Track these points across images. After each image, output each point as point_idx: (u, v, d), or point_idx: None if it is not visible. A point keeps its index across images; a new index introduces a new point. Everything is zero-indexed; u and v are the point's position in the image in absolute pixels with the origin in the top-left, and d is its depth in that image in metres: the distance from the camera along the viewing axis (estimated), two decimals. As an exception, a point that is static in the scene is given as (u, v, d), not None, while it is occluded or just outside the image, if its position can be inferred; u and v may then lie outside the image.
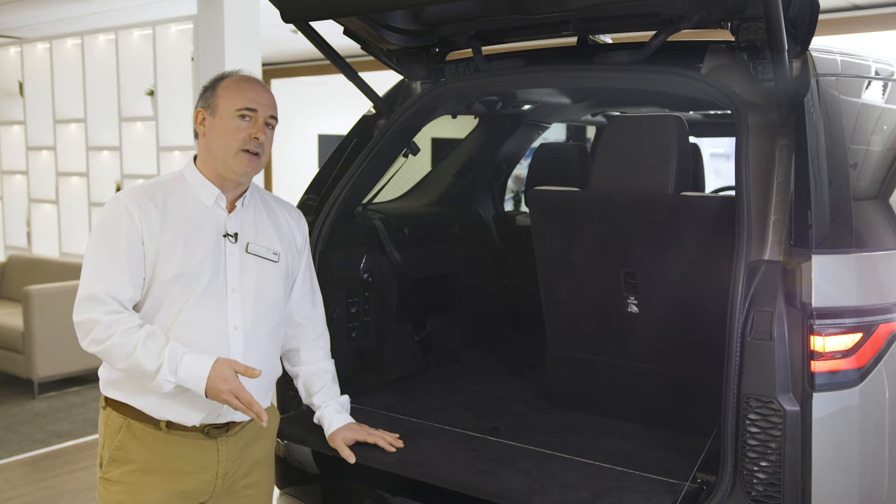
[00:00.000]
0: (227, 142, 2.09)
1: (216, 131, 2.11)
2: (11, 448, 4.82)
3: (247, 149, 2.08)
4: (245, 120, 2.09)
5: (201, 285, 2.05)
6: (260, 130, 2.10)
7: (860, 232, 2.12)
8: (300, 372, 2.39)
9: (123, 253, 2.01)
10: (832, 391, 1.96)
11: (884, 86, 2.55)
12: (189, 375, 1.96)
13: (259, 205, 2.25)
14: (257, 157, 2.11)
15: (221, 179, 2.13)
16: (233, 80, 2.14)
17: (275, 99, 2.18)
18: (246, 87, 2.12)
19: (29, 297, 5.74)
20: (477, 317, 3.79)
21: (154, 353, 1.95)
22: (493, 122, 3.90)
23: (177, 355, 1.96)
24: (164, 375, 1.95)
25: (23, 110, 7.75)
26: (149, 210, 2.05)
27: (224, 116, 2.10)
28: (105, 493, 2.11)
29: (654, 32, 2.54)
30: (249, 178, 2.16)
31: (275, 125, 2.17)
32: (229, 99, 2.10)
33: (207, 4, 5.88)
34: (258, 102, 2.11)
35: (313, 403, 2.39)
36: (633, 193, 2.63)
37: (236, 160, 2.09)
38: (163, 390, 1.97)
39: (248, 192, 2.21)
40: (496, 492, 2.18)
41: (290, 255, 2.27)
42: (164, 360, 1.95)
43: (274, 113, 2.16)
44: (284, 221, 2.30)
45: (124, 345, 1.95)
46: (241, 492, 2.21)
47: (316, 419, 2.41)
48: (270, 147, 2.17)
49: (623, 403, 2.77)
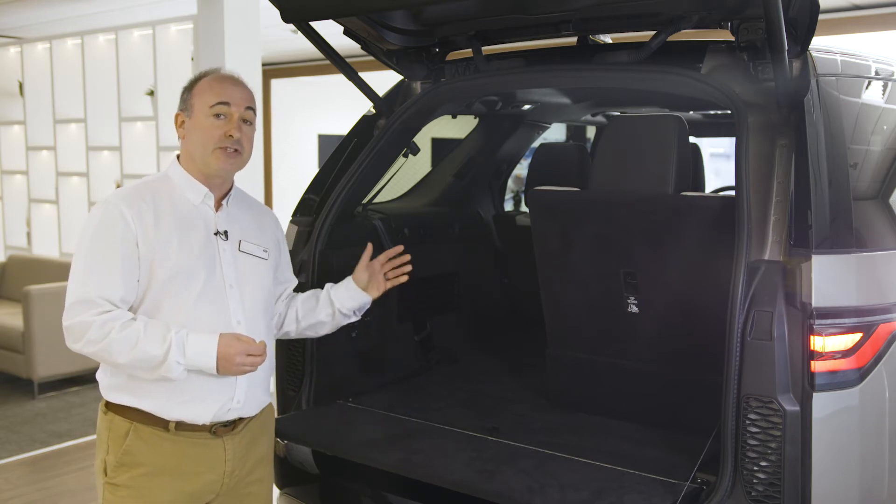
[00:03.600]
0: (203, 140, 2.10)
1: (193, 132, 2.13)
2: (11, 448, 4.82)
3: (223, 146, 2.09)
4: (220, 118, 2.10)
5: (200, 282, 2.05)
6: (235, 127, 2.10)
7: (860, 232, 2.12)
8: (289, 315, 2.43)
9: (117, 255, 2.00)
10: (832, 391, 1.96)
11: (884, 86, 2.55)
12: (197, 353, 1.96)
13: (242, 204, 2.27)
14: (237, 153, 2.11)
15: (206, 178, 2.14)
16: (206, 79, 2.15)
17: (250, 92, 2.18)
18: (218, 85, 2.13)
19: (29, 297, 5.74)
20: (477, 317, 3.79)
21: (159, 337, 1.95)
22: (493, 123, 3.90)
23: (182, 336, 1.97)
24: (174, 357, 1.94)
25: (23, 110, 7.75)
26: (142, 211, 2.05)
27: (199, 116, 2.11)
28: (112, 499, 2.08)
29: (654, 32, 2.54)
30: (231, 175, 2.17)
31: (253, 119, 2.16)
32: (203, 97, 2.11)
33: (207, 4, 5.88)
34: (230, 97, 2.11)
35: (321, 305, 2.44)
36: (633, 193, 2.63)
37: (214, 157, 2.09)
38: (171, 375, 1.96)
39: (234, 191, 2.23)
40: (496, 492, 2.18)
41: (274, 251, 2.31)
42: (171, 342, 1.95)
43: (250, 105, 2.15)
44: (265, 218, 2.34)
45: (126, 337, 1.94)
46: (245, 489, 2.22)
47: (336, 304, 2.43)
48: (250, 144, 2.16)
49: (623, 403, 2.77)
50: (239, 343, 2.00)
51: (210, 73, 2.18)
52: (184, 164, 2.16)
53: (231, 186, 2.22)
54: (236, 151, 2.11)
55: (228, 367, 1.99)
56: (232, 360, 1.98)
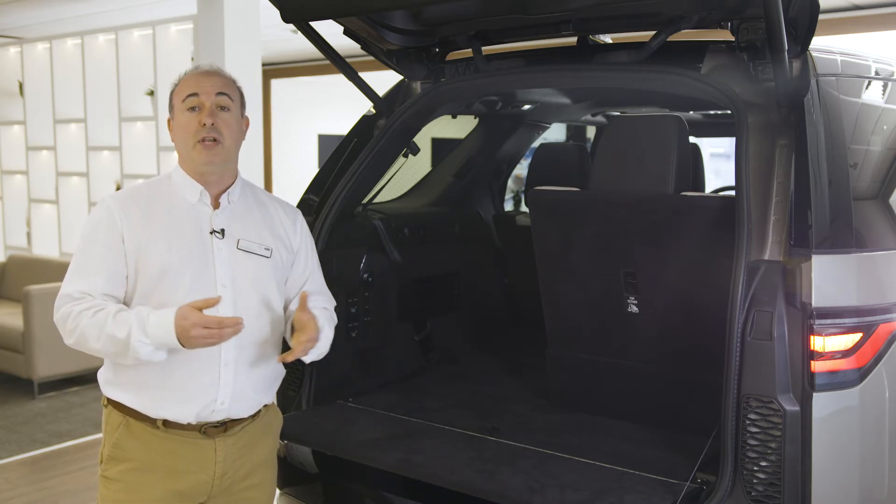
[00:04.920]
0: (184, 137, 2.10)
1: (176, 131, 2.14)
2: (11, 448, 4.82)
3: (202, 137, 2.07)
4: (194, 111, 2.09)
5: (186, 282, 2.04)
6: (207, 115, 2.07)
7: (860, 232, 2.12)
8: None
9: (100, 251, 2.02)
10: (832, 391, 1.96)
11: (884, 86, 2.55)
12: (158, 331, 1.92)
13: (250, 201, 2.23)
14: (216, 143, 2.08)
15: (199, 175, 2.13)
16: (183, 77, 2.15)
17: (225, 79, 2.14)
18: (189, 79, 2.13)
19: (29, 297, 5.74)
20: (477, 317, 3.79)
21: (123, 321, 1.94)
22: (493, 123, 3.90)
23: (143, 316, 1.94)
24: (136, 336, 1.92)
25: (23, 110, 7.75)
26: (129, 208, 2.06)
27: (177, 114, 2.12)
28: (105, 492, 2.11)
29: (654, 32, 2.54)
30: (218, 167, 2.12)
31: (230, 105, 2.12)
32: (178, 95, 2.12)
33: (207, 4, 5.88)
34: (198, 87, 2.09)
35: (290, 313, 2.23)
36: (633, 193, 2.63)
37: (196, 152, 2.08)
38: (141, 355, 1.93)
39: (238, 187, 2.19)
40: (496, 492, 2.18)
41: (283, 250, 2.24)
42: (133, 323, 1.93)
43: (222, 90, 2.11)
44: (278, 218, 2.26)
45: (95, 322, 1.95)
46: (242, 493, 2.20)
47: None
48: (231, 130, 2.11)
49: (623, 403, 2.77)
50: (194, 314, 1.93)
51: (189, 71, 2.18)
52: (181, 166, 2.17)
53: (232, 182, 2.19)
54: (215, 141, 2.07)
55: (188, 340, 1.93)
56: (188, 333, 1.92)
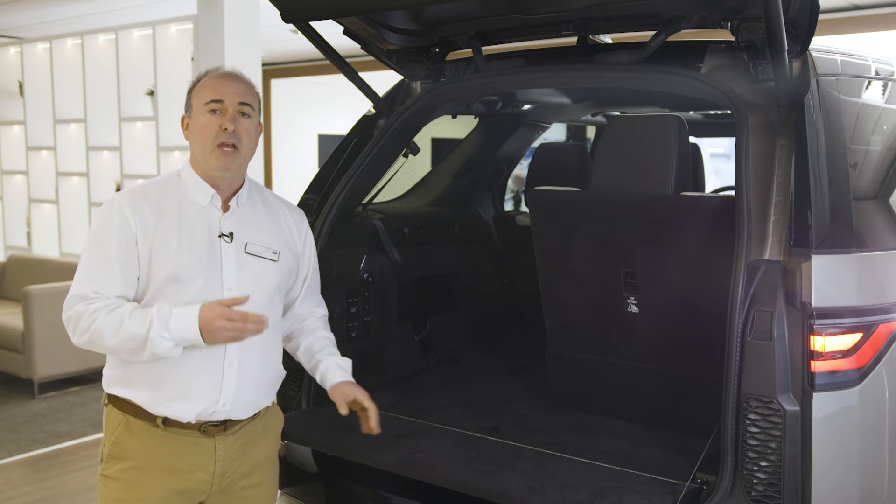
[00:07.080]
0: (202, 139, 2.09)
1: (193, 132, 2.12)
2: (11, 448, 4.82)
3: (221, 142, 2.07)
4: (215, 114, 2.08)
5: (195, 287, 2.04)
6: (229, 120, 2.07)
7: (860, 232, 2.12)
8: (301, 342, 2.36)
9: (114, 252, 2.01)
10: (832, 391, 1.96)
11: (884, 86, 2.55)
12: (180, 325, 1.94)
13: (257, 203, 2.23)
14: (235, 149, 2.08)
15: (211, 178, 2.13)
16: (205, 78, 2.14)
17: (247, 87, 2.15)
18: (213, 82, 2.12)
19: (29, 297, 5.74)
20: (477, 317, 3.79)
21: (142, 317, 1.95)
22: (493, 122, 3.90)
23: (165, 312, 1.95)
24: (157, 331, 1.92)
25: (23, 110, 7.75)
26: (143, 209, 2.05)
27: (197, 115, 2.11)
28: (104, 491, 2.11)
29: (654, 32, 2.54)
30: (232, 173, 2.12)
31: (251, 113, 2.13)
32: (198, 96, 2.11)
33: (207, 4, 5.89)
34: (223, 92, 2.09)
35: (315, 364, 2.33)
36: (633, 193, 2.63)
37: (213, 156, 2.08)
38: (158, 350, 1.94)
39: (245, 190, 2.19)
40: (496, 492, 2.18)
41: (289, 254, 2.25)
42: (154, 319, 1.93)
43: (246, 100, 2.12)
44: (284, 221, 2.28)
45: (111, 320, 1.95)
46: (241, 492, 2.20)
47: (318, 377, 2.33)
48: (250, 138, 2.12)
49: (623, 403, 2.77)
50: (219, 306, 1.95)
51: (210, 71, 2.17)
52: (192, 166, 2.16)
53: (241, 185, 2.19)
54: (234, 147, 2.08)
55: (211, 332, 1.94)
56: (213, 325, 1.93)
